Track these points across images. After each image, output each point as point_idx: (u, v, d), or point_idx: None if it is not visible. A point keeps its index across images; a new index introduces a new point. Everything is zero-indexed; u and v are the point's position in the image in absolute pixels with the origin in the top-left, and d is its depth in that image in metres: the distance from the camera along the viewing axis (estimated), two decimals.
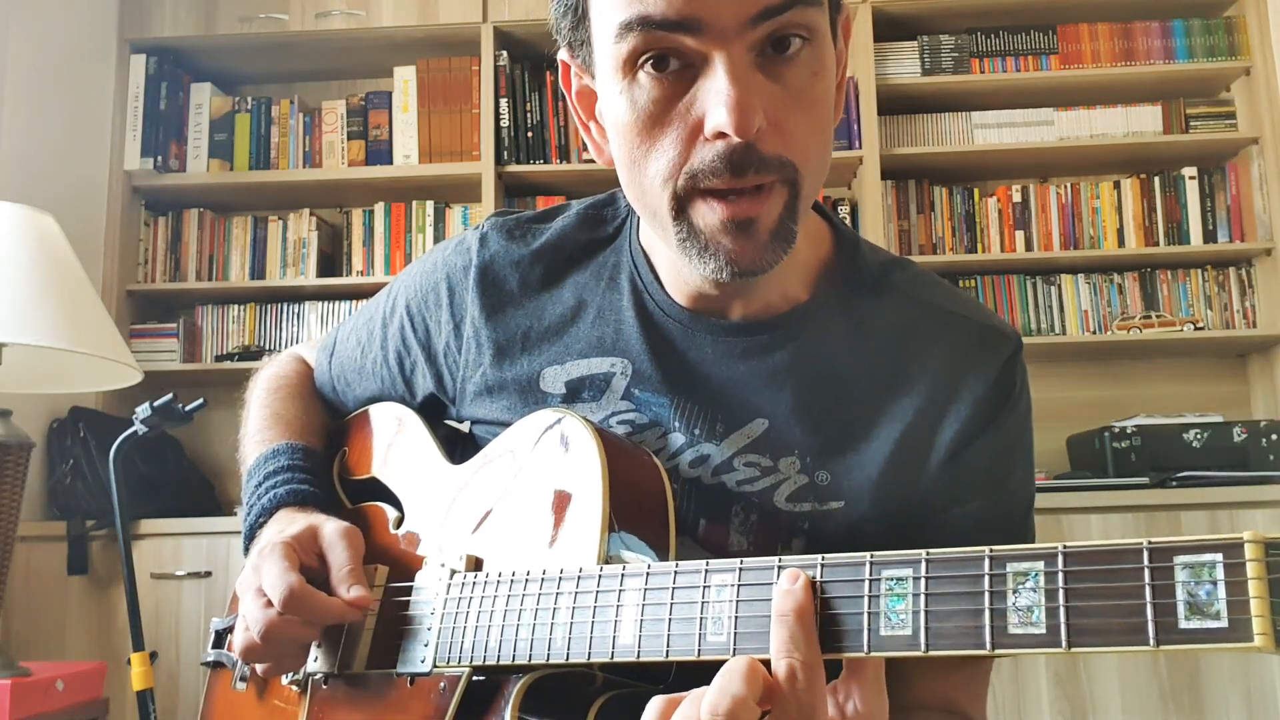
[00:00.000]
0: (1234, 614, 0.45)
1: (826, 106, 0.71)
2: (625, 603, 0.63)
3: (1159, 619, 0.46)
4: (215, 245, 3.02)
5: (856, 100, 2.85)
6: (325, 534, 0.80)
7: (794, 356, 0.80)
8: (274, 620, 0.74)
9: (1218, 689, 2.28)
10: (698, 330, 0.81)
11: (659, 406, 0.81)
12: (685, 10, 0.64)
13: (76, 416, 2.64)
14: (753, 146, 0.67)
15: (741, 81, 0.65)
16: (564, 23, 0.75)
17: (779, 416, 0.79)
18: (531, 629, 0.67)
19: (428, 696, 0.73)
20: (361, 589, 0.76)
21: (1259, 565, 0.44)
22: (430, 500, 0.85)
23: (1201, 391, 2.90)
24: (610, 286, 0.85)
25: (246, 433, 0.98)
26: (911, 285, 0.84)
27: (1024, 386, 0.82)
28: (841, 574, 0.56)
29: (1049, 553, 0.49)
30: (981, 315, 0.84)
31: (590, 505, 0.69)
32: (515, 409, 0.84)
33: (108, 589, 2.46)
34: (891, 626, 0.53)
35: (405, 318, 0.93)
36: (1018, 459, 0.82)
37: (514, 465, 0.78)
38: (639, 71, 0.68)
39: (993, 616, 0.50)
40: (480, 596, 0.72)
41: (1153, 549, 0.47)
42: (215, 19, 2.94)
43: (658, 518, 0.71)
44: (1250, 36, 2.81)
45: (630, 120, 0.70)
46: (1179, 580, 0.46)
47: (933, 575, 0.52)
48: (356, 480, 0.94)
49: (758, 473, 0.79)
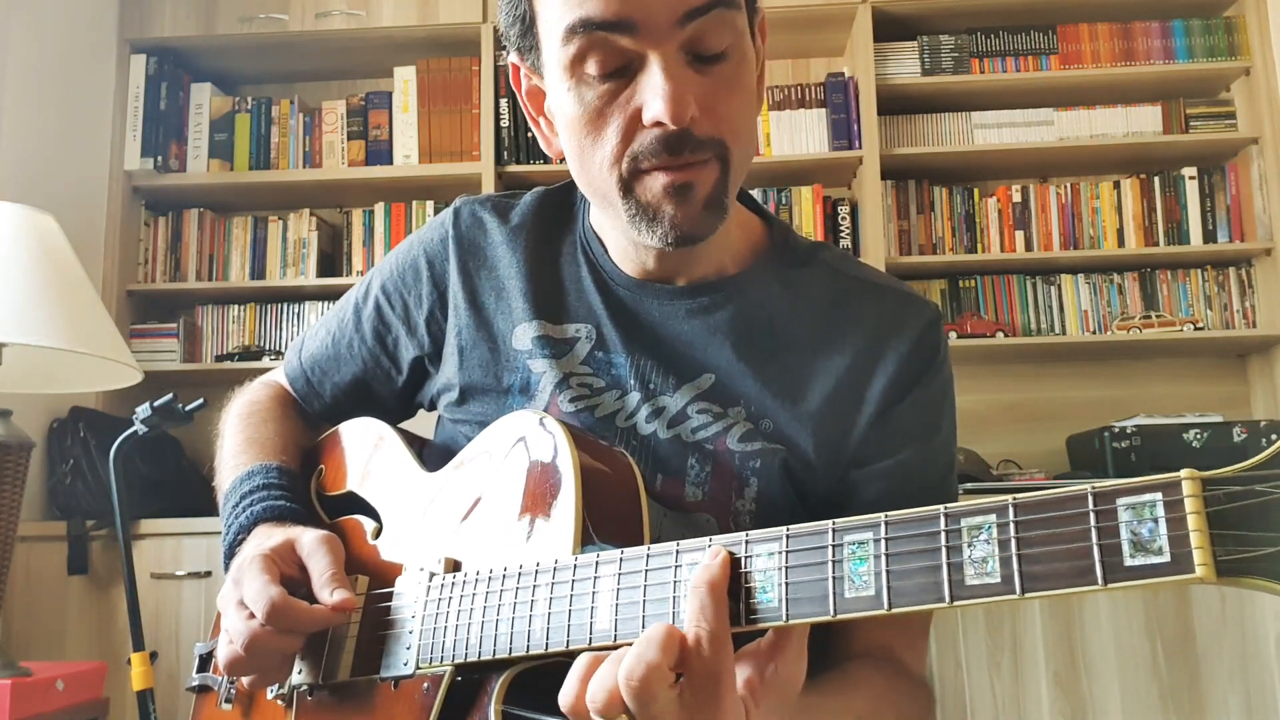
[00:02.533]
0: (1175, 548, 0.46)
1: (749, 93, 0.80)
2: (600, 589, 0.64)
3: (1105, 559, 0.48)
4: (215, 245, 3.02)
5: (856, 100, 2.86)
6: (304, 544, 0.80)
7: (733, 315, 0.88)
8: (257, 632, 0.75)
9: (1218, 689, 2.28)
10: (645, 295, 0.89)
11: (617, 366, 0.88)
12: (621, 12, 0.72)
13: (76, 416, 2.64)
14: (688, 131, 0.75)
15: (675, 76, 0.74)
16: (513, 30, 0.83)
17: (723, 369, 0.86)
18: (511, 623, 0.68)
19: (412, 698, 0.74)
20: (345, 591, 0.77)
21: (1197, 500, 0.46)
22: (407, 508, 0.86)
23: (1201, 391, 2.90)
24: (570, 260, 0.93)
25: (221, 460, 0.99)
26: (838, 261, 0.94)
27: (946, 352, 0.90)
28: (806, 542, 0.57)
29: (1000, 505, 0.52)
30: (902, 287, 0.93)
31: (565, 504, 0.70)
32: (488, 367, 0.90)
33: (108, 589, 2.46)
34: (855, 589, 0.55)
35: (381, 297, 0.98)
36: (943, 416, 0.89)
37: (490, 467, 0.79)
38: (585, 72, 0.76)
39: (950, 570, 0.52)
40: (459, 596, 0.73)
41: (1096, 493, 0.49)
42: (215, 19, 2.95)
43: (631, 511, 0.73)
44: (1250, 36, 2.81)
45: (578, 114, 0.78)
46: (1122, 520, 0.48)
47: (892, 536, 0.55)
48: (334, 496, 0.94)
49: (710, 418, 0.85)
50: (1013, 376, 2.94)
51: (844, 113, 2.86)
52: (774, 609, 0.57)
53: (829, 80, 2.90)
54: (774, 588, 0.58)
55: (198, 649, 0.95)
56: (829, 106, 2.87)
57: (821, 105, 2.88)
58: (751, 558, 0.59)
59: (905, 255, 2.87)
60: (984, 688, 2.31)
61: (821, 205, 2.90)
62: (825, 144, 2.86)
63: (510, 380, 0.89)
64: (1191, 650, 2.29)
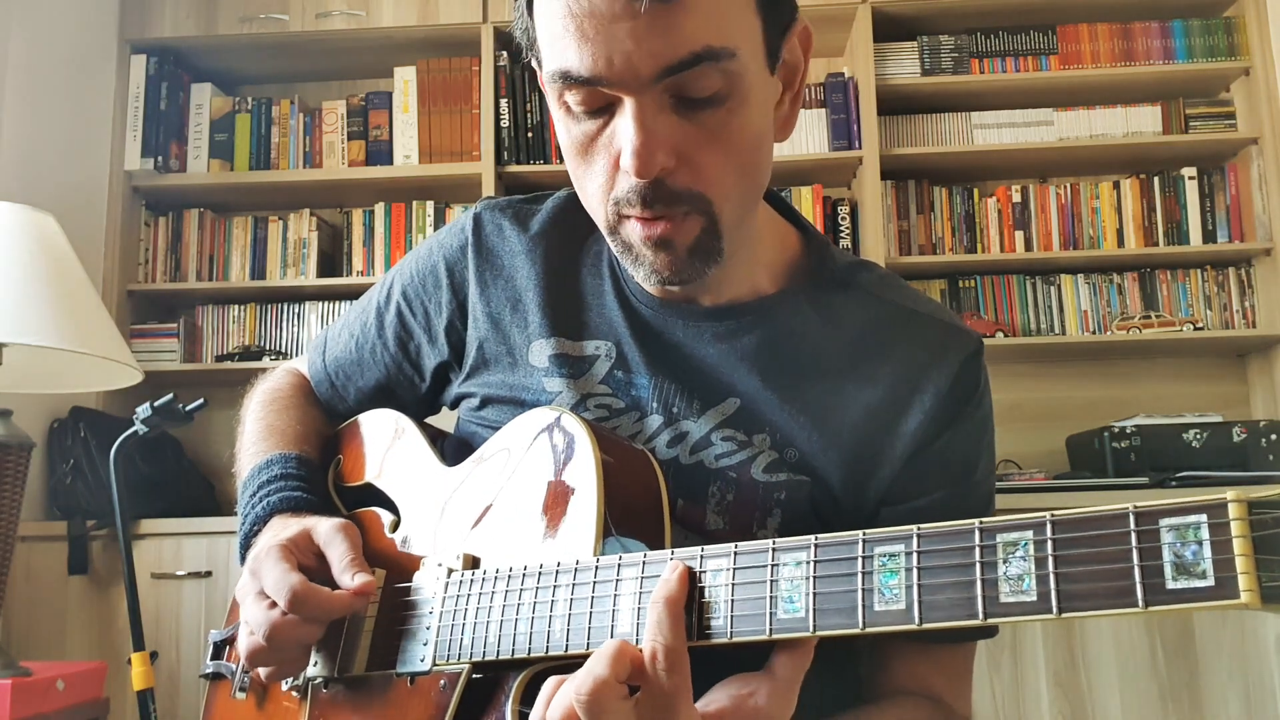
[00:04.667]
0: (1220, 572, 0.45)
1: (745, 137, 0.74)
2: (622, 592, 0.63)
3: (1147, 581, 0.47)
4: (215, 245, 3.02)
5: (856, 100, 2.86)
6: (321, 532, 0.80)
7: (761, 340, 0.84)
8: (278, 621, 0.74)
9: (1217, 689, 2.28)
10: (670, 315, 0.86)
11: (639, 388, 0.84)
12: (595, 70, 0.70)
13: (77, 416, 2.64)
14: (661, 183, 0.72)
15: (646, 127, 0.70)
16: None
17: (749, 396, 0.83)
18: (530, 622, 0.67)
19: (428, 695, 0.73)
20: (365, 575, 0.76)
21: (1243, 524, 0.45)
22: (426, 502, 0.85)
23: (1201, 391, 2.90)
24: (593, 271, 0.90)
25: (241, 448, 0.98)
26: (877, 285, 0.88)
27: (986, 385, 0.86)
28: (834, 553, 0.56)
29: (1038, 522, 0.50)
30: (945, 315, 0.88)
31: (586, 500, 0.70)
32: (507, 381, 0.88)
33: (108, 589, 2.46)
34: (885, 601, 0.54)
35: (403, 303, 0.96)
36: (981, 454, 0.85)
37: (510, 464, 0.78)
38: (570, 108, 0.75)
39: (984, 586, 0.51)
40: (478, 594, 0.72)
41: (1138, 513, 0.48)
42: (215, 19, 2.95)
43: (653, 509, 0.72)
44: (1250, 37, 2.81)
45: (568, 144, 0.77)
46: (1165, 542, 0.46)
47: (924, 550, 0.53)
48: (352, 487, 0.94)
49: (734, 446, 0.82)
50: (1012, 376, 2.94)
51: (844, 113, 2.86)
52: (800, 619, 0.57)
53: (829, 80, 2.90)
54: (801, 597, 0.57)
55: (212, 636, 0.94)
56: (829, 106, 2.87)
57: (821, 105, 2.89)
58: (779, 565, 0.58)
59: (905, 255, 2.87)
60: (984, 687, 2.31)
61: (821, 205, 2.90)
62: (825, 144, 2.86)
63: (527, 398, 0.87)
64: (1191, 650, 2.29)
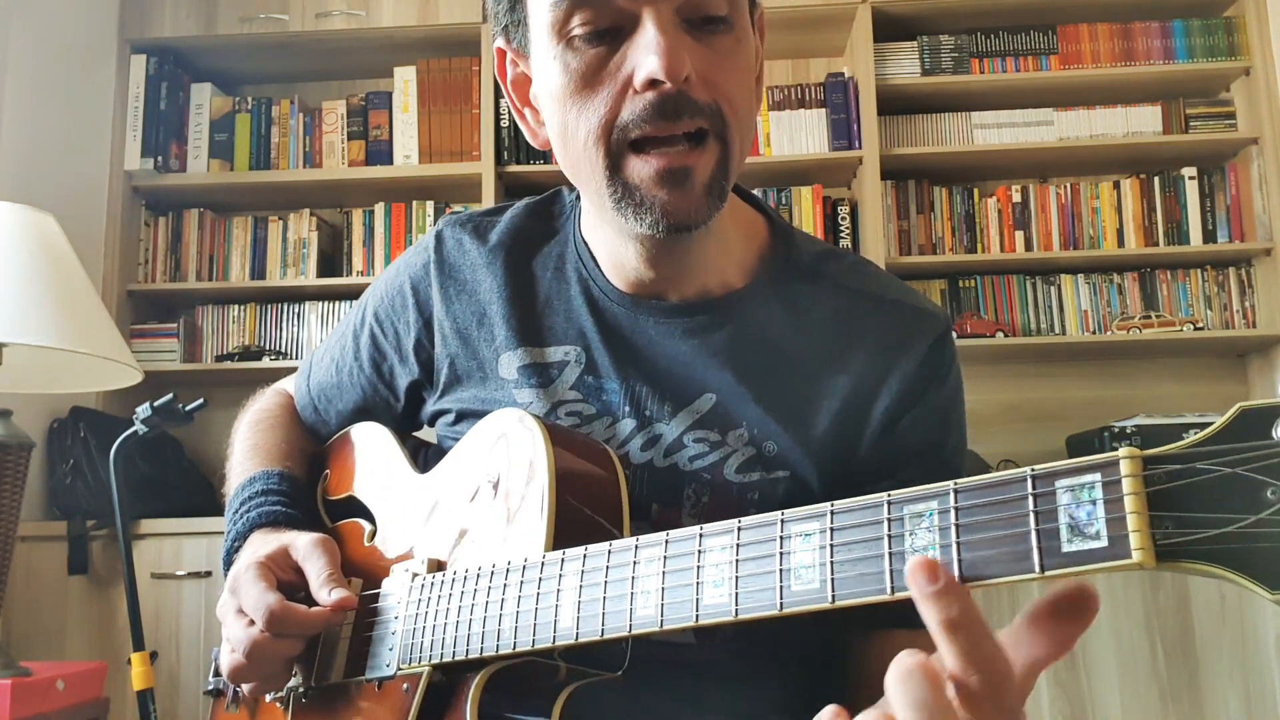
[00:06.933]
0: (1112, 531, 0.43)
1: (750, 77, 0.76)
2: (564, 587, 0.64)
3: (1043, 544, 0.45)
4: (215, 245, 3.02)
5: (856, 100, 2.85)
6: (299, 547, 0.81)
7: (733, 335, 0.84)
8: (258, 638, 0.76)
9: (1217, 689, 2.28)
10: (640, 313, 0.85)
11: (609, 392, 0.84)
12: None
13: (77, 416, 2.64)
14: (684, 93, 0.70)
15: (670, 34, 0.70)
16: (500, 7, 0.80)
17: (725, 391, 0.83)
18: (484, 622, 0.68)
19: (393, 699, 0.74)
20: (342, 590, 0.77)
21: (1136, 480, 0.43)
22: (398, 509, 0.86)
23: (1201, 391, 2.90)
24: (557, 276, 0.89)
25: (230, 468, 0.99)
26: (844, 274, 0.88)
27: (952, 362, 0.86)
28: (756, 534, 0.55)
29: (942, 491, 0.49)
30: (912, 299, 0.88)
31: (538, 497, 0.70)
32: (479, 396, 0.88)
33: (108, 589, 2.45)
34: (802, 581, 0.52)
35: (375, 325, 0.96)
36: (950, 428, 0.86)
37: (471, 467, 0.79)
38: (573, 37, 0.72)
39: (891, 560, 0.49)
40: (440, 596, 0.73)
41: (1036, 475, 0.46)
42: (215, 19, 2.94)
43: (610, 501, 0.72)
44: (1250, 37, 2.81)
45: (564, 83, 0.74)
46: (1061, 504, 0.45)
47: (837, 526, 0.52)
48: (336, 500, 0.95)
49: (707, 447, 0.82)
50: (1013, 376, 2.94)
51: (844, 113, 2.86)
52: (724, 605, 0.55)
53: (829, 80, 2.90)
54: (725, 582, 0.55)
55: (214, 654, 0.96)
56: (829, 106, 2.87)
57: (821, 105, 2.88)
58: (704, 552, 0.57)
59: (905, 255, 2.87)
60: None
61: (821, 205, 2.90)
62: (825, 144, 2.86)
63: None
64: (1191, 649, 2.29)
